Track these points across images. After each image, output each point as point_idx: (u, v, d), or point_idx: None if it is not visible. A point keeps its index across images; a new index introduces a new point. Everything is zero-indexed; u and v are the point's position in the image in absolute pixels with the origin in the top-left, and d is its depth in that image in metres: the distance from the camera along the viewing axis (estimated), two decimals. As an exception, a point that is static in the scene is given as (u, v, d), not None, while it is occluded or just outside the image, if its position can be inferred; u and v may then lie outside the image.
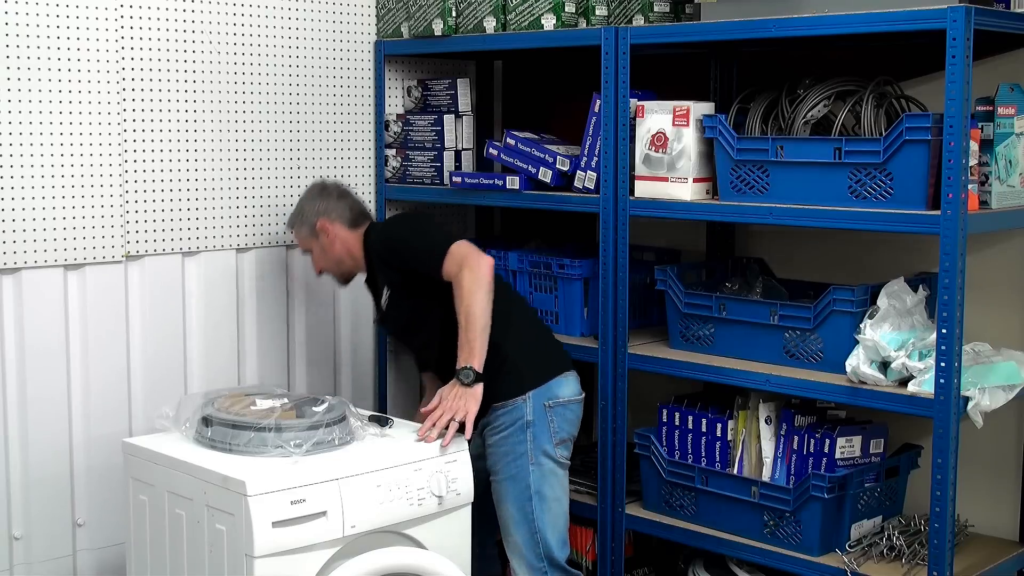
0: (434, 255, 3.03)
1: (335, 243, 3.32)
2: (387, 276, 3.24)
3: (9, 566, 3.14)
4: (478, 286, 2.96)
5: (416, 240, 3.16)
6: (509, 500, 3.09)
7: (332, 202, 3.34)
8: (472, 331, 2.95)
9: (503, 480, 3.10)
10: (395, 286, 3.23)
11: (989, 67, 3.02)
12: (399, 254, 3.17)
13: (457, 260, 3.00)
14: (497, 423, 3.10)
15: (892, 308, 2.86)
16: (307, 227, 3.35)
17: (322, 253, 3.35)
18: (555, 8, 3.36)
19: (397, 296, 3.24)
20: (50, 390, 3.18)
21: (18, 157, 3.09)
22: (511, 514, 3.09)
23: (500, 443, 3.10)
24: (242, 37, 3.54)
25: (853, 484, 2.96)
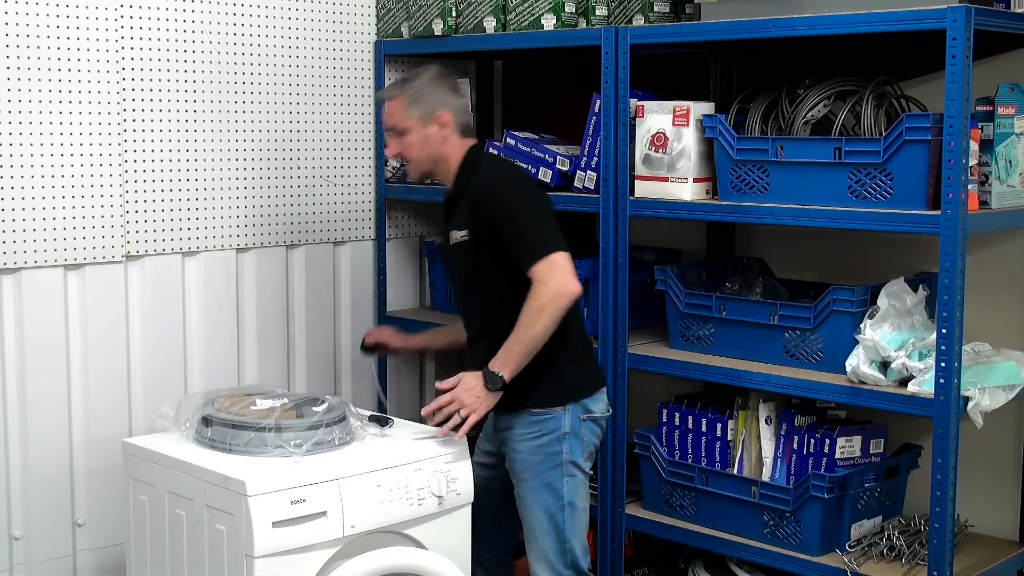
0: (535, 251, 2.82)
1: (445, 142, 3.01)
2: (472, 223, 2.95)
3: (9, 566, 3.14)
4: (554, 308, 2.81)
5: (527, 223, 2.87)
6: (540, 508, 2.98)
7: (455, 98, 3.05)
8: (521, 344, 2.84)
9: (536, 488, 2.98)
10: (475, 238, 2.95)
11: (989, 67, 3.02)
12: (501, 222, 2.88)
13: (551, 270, 2.81)
14: (532, 430, 2.97)
15: (892, 308, 2.86)
16: (422, 109, 3.00)
17: (424, 143, 3.01)
18: (555, 8, 3.36)
19: (471, 246, 2.97)
20: (50, 390, 3.18)
21: (18, 157, 3.09)
22: (541, 522, 2.98)
23: (535, 450, 2.97)
24: (242, 37, 3.54)
25: (853, 484, 2.96)
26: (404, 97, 3.02)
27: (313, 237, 3.75)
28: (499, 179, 2.97)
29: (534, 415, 2.96)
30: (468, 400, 2.90)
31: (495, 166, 3.08)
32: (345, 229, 3.84)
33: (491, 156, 3.20)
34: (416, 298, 4.06)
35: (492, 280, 2.96)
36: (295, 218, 3.70)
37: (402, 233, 4.00)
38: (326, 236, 3.79)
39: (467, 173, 3.01)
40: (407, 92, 3.03)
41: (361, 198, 3.87)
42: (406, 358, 3.87)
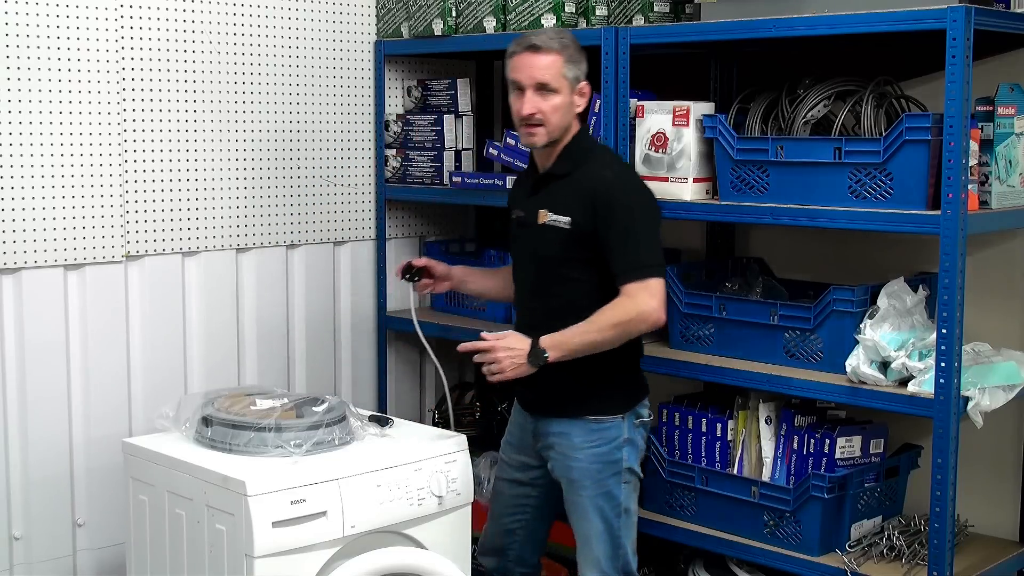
0: (638, 267, 2.73)
1: (575, 115, 2.87)
2: (580, 213, 2.80)
3: (9, 566, 3.14)
4: (630, 328, 2.75)
5: (640, 236, 2.76)
6: (597, 515, 2.89)
7: None
8: (582, 342, 2.75)
9: (594, 496, 2.88)
10: (577, 229, 2.80)
11: (989, 67, 3.02)
12: (614, 224, 2.75)
13: (645, 292, 2.72)
14: (592, 438, 2.87)
15: (892, 308, 2.86)
16: (575, 73, 2.83)
17: (566, 110, 2.83)
18: (555, 8, 3.36)
19: (568, 235, 2.81)
20: (50, 390, 3.18)
21: (18, 157, 3.09)
22: (598, 529, 2.90)
23: (595, 458, 2.88)
24: (242, 37, 3.54)
25: (853, 484, 2.96)
26: (563, 55, 2.81)
27: (313, 237, 3.75)
28: (627, 180, 2.86)
29: (594, 423, 2.87)
30: (504, 362, 2.78)
31: (618, 163, 2.95)
32: (345, 229, 3.84)
33: (605, 147, 3.05)
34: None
35: (577, 274, 2.84)
36: (295, 218, 3.70)
37: (402, 233, 4.00)
38: (326, 236, 3.79)
39: (577, 156, 2.86)
40: (566, 51, 2.81)
41: (361, 198, 3.87)
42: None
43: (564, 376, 2.84)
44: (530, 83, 2.81)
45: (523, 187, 3.02)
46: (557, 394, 2.89)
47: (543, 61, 2.79)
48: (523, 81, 2.81)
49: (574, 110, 2.85)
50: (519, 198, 3.01)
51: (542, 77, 2.79)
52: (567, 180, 2.85)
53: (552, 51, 2.79)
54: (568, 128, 2.86)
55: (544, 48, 2.79)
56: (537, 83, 2.80)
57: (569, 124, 2.86)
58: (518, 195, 3.03)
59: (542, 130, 2.82)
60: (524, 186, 3.01)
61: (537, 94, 2.80)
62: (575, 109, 2.85)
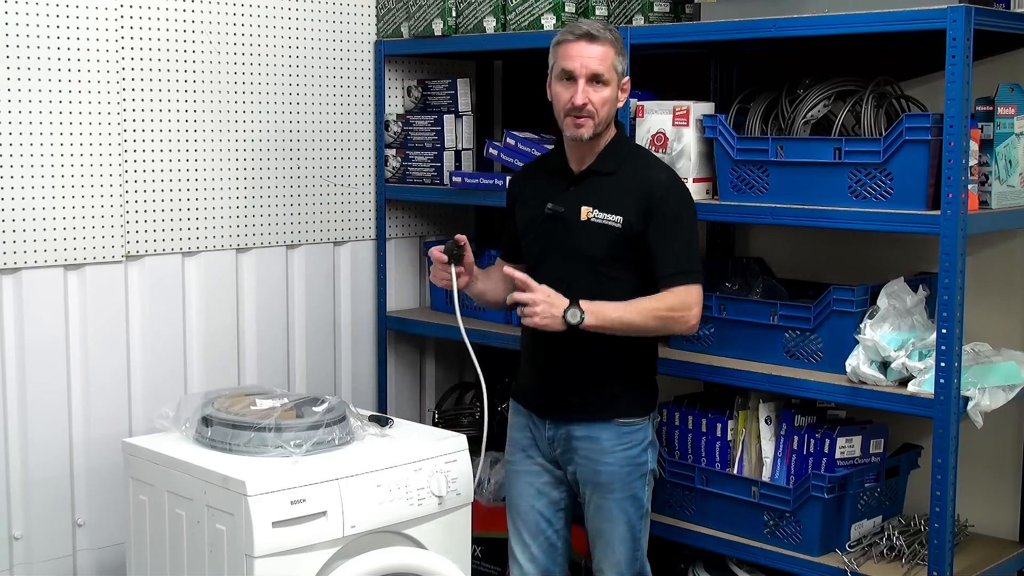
0: (684, 271, 2.74)
1: (619, 106, 2.84)
2: (631, 212, 2.76)
3: (9, 566, 3.14)
4: (670, 326, 2.76)
5: (688, 240, 2.78)
6: (622, 518, 2.87)
7: None
8: (621, 319, 2.71)
9: (621, 499, 2.86)
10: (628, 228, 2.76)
11: (989, 67, 3.02)
12: (665, 225, 2.75)
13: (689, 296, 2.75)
14: (622, 440, 2.85)
15: (892, 308, 2.86)
16: (623, 67, 2.81)
17: (613, 103, 2.79)
18: (555, 8, 3.36)
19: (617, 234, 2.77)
20: (50, 390, 3.18)
21: (18, 157, 3.09)
22: (622, 532, 2.88)
23: (625, 461, 2.85)
24: (242, 37, 3.54)
25: (853, 484, 2.96)
26: (615, 47, 2.76)
27: (313, 237, 3.75)
28: (680, 185, 2.85)
29: (624, 425, 2.85)
30: (540, 306, 2.68)
31: (664, 165, 2.94)
32: (345, 229, 3.84)
33: (646, 149, 3.06)
34: (416, 298, 4.06)
35: (617, 274, 2.80)
36: (295, 218, 3.70)
37: (402, 233, 4.00)
38: (326, 236, 3.79)
39: (623, 154, 2.84)
40: (617, 43, 2.78)
41: (361, 198, 3.87)
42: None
43: (592, 378, 2.83)
44: (584, 73, 2.74)
45: (544, 180, 2.93)
46: (585, 396, 2.85)
47: (598, 51, 2.74)
48: (576, 70, 2.74)
49: (615, 104, 2.81)
50: (541, 191, 2.90)
51: (596, 68, 2.74)
52: (614, 178, 2.81)
53: (606, 42, 2.74)
54: (611, 124, 2.83)
55: (600, 38, 2.74)
56: (591, 73, 2.74)
57: (612, 120, 2.83)
58: (537, 188, 2.93)
59: (590, 122, 2.75)
60: (546, 179, 2.92)
61: (589, 85, 2.74)
62: (616, 103, 2.81)
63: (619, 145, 2.86)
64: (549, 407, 2.91)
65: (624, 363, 2.85)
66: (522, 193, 2.99)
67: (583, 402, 2.85)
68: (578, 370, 2.84)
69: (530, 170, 3.07)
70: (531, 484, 2.97)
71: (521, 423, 2.99)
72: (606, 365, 2.83)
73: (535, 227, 2.91)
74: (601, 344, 2.78)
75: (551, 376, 2.89)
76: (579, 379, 2.84)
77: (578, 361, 2.83)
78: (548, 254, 2.87)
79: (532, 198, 2.93)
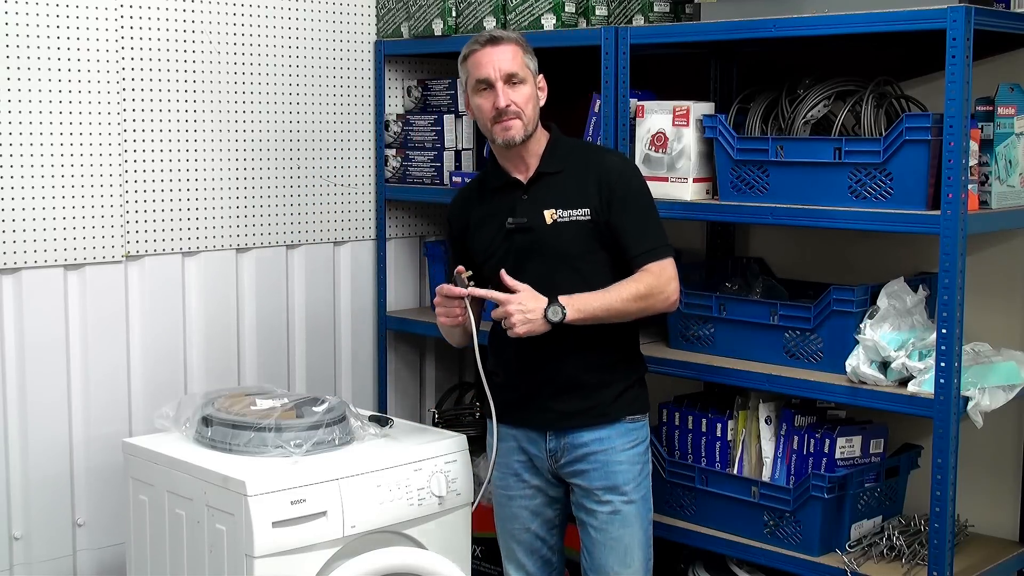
0: (656, 249, 2.74)
1: (539, 104, 2.82)
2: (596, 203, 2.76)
3: (9, 566, 3.14)
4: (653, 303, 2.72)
5: (654, 218, 2.79)
6: (638, 522, 2.81)
7: None
8: (604, 308, 2.68)
9: (638, 501, 2.81)
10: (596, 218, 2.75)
11: (989, 67, 3.02)
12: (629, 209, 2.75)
13: (666, 271, 2.74)
14: (631, 438, 2.81)
15: (892, 308, 2.86)
16: (534, 64, 2.81)
17: (533, 101, 2.78)
18: (555, 8, 3.36)
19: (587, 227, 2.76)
20: (50, 390, 3.18)
21: (18, 157, 3.09)
22: (639, 538, 2.82)
23: (635, 459, 2.81)
24: (242, 37, 3.54)
25: (853, 484, 2.96)
26: (521, 44, 2.78)
27: (313, 237, 3.75)
28: (629, 163, 2.92)
29: (632, 423, 2.82)
30: (515, 316, 2.64)
31: (608, 148, 2.97)
32: (345, 229, 3.84)
33: (583, 140, 3.08)
34: (416, 298, 4.06)
35: (592, 266, 2.77)
36: (295, 218, 3.70)
37: (402, 233, 4.00)
38: (326, 236, 3.79)
39: (565, 151, 2.83)
40: (521, 41, 2.79)
41: (361, 198, 3.87)
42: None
43: (593, 380, 2.79)
44: (499, 75, 2.73)
45: (491, 200, 2.86)
46: (590, 400, 2.79)
47: (505, 52, 2.74)
48: (491, 75, 2.74)
49: (536, 102, 2.79)
50: (493, 210, 2.84)
51: (510, 67, 2.74)
52: (565, 174, 2.80)
53: (511, 41, 2.76)
54: (538, 126, 2.80)
55: (504, 39, 2.76)
56: (506, 74, 2.73)
57: (538, 118, 2.80)
58: (487, 209, 2.86)
59: (519, 123, 2.74)
60: (494, 198, 2.86)
61: (508, 86, 2.73)
62: (537, 101, 2.79)
63: (558, 143, 2.85)
64: (548, 419, 2.82)
65: (619, 360, 2.83)
66: (470, 220, 2.90)
67: (589, 406, 2.79)
68: (577, 374, 2.78)
69: (468, 197, 2.96)
70: (525, 508, 2.91)
71: (510, 446, 2.89)
72: (603, 365, 2.80)
73: (499, 246, 2.82)
74: (594, 345, 2.77)
75: (547, 386, 2.80)
76: (578, 383, 2.79)
77: (575, 365, 2.78)
78: (524, 266, 2.78)
79: (486, 219, 2.85)
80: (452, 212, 2.99)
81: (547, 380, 2.81)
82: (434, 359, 4.11)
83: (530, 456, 2.87)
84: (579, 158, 2.82)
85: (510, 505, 2.92)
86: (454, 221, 2.97)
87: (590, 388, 2.80)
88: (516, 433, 2.88)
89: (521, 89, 2.75)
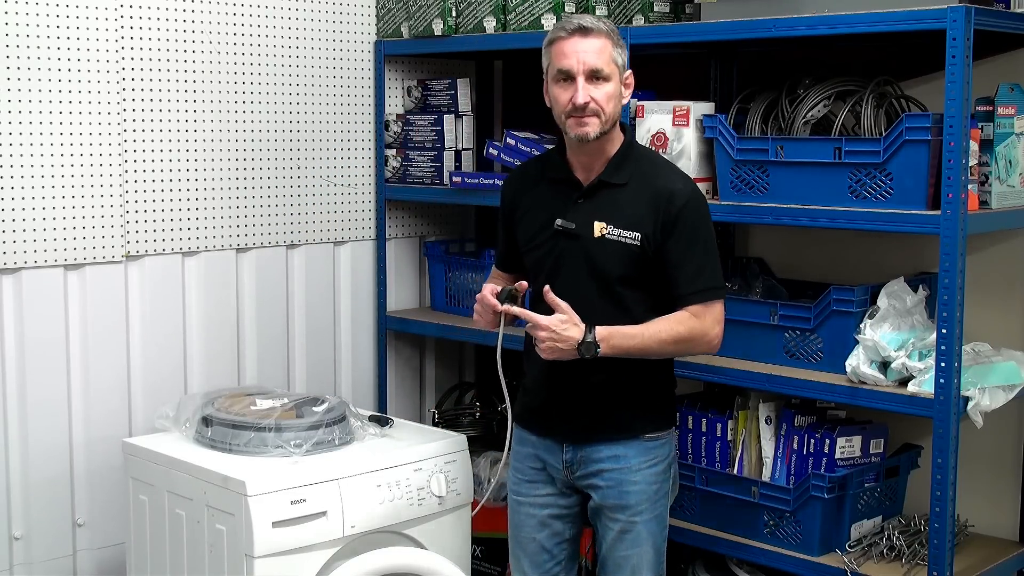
0: (708, 289, 2.58)
1: (624, 101, 2.65)
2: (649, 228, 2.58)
3: (9, 566, 3.14)
4: (692, 348, 2.61)
5: (711, 256, 2.60)
6: (650, 542, 2.68)
7: None
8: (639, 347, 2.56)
9: (650, 520, 2.68)
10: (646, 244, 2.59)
11: (989, 67, 3.02)
12: (685, 241, 2.57)
13: (712, 315, 2.59)
14: (649, 456, 2.68)
15: (892, 308, 2.86)
16: (623, 59, 2.62)
17: (617, 99, 2.61)
18: (555, 8, 3.36)
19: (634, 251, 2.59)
20: (50, 390, 3.18)
21: (18, 157, 3.09)
22: (648, 557, 2.68)
23: (653, 479, 2.68)
24: (242, 37, 3.54)
25: (853, 484, 2.96)
26: (612, 38, 2.57)
27: (313, 237, 3.75)
28: (698, 196, 2.63)
29: (650, 441, 2.68)
30: (545, 343, 2.53)
31: (680, 172, 2.71)
32: (345, 229, 3.84)
33: (660, 154, 2.89)
34: (416, 298, 4.06)
35: (633, 292, 2.63)
36: (295, 218, 3.70)
37: (402, 233, 4.00)
38: (326, 236, 3.79)
39: (635, 163, 2.65)
40: (613, 34, 2.58)
41: (361, 198, 3.87)
42: None
43: (616, 395, 2.67)
44: (582, 69, 2.55)
45: (547, 191, 2.73)
46: (610, 414, 2.68)
47: (595, 45, 2.55)
48: (573, 68, 2.55)
49: (620, 101, 2.61)
50: (545, 203, 2.71)
51: (595, 63, 2.55)
52: (627, 190, 2.62)
53: (602, 34, 2.56)
54: (615, 125, 2.64)
55: (594, 30, 2.55)
56: (590, 69, 2.55)
57: (618, 118, 2.64)
58: (540, 199, 2.73)
59: (596, 120, 2.56)
60: (550, 190, 2.72)
61: (589, 82, 2.55)
62: (623, 100, 2.63)
63: (629, 152, 2.66)
64: (568, 430, 2.71)
65: (646, 375, 2.68)
66: (522, 202, 2.78)
67: (608, 421, 2.68)
68: (600, 388, 2.66)
69: (527, 175, 2.82)
70: (533, 516, 2.79)
71: (527, 452, 2.79)
72: (628, 380, 2.66)
73: (543, 243, 2.70)
74: (626, 361, 2.62)
75: (571, 397, 2.69)
76: (602, 397, 2.67)
77: (599, 379, 2.64)
78: (561, 272, 2.67)
79: (535, 209, 2.73)
80: (505, 188, 2.85)
81: (572, 391, 2.68)
82: (434, 359, 4.11)
83: (545, 464, 2.76)
84: (644, 174, 2.63)
85: (519, 511, 2.82)
86: (506, 198, 2.84)
87: (613, 403, 2.68)
88: (534, 440, 2.78)
89: (604, 86, 2.56)
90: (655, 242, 2.59)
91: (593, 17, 2.62)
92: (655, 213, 2.58)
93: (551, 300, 2.56)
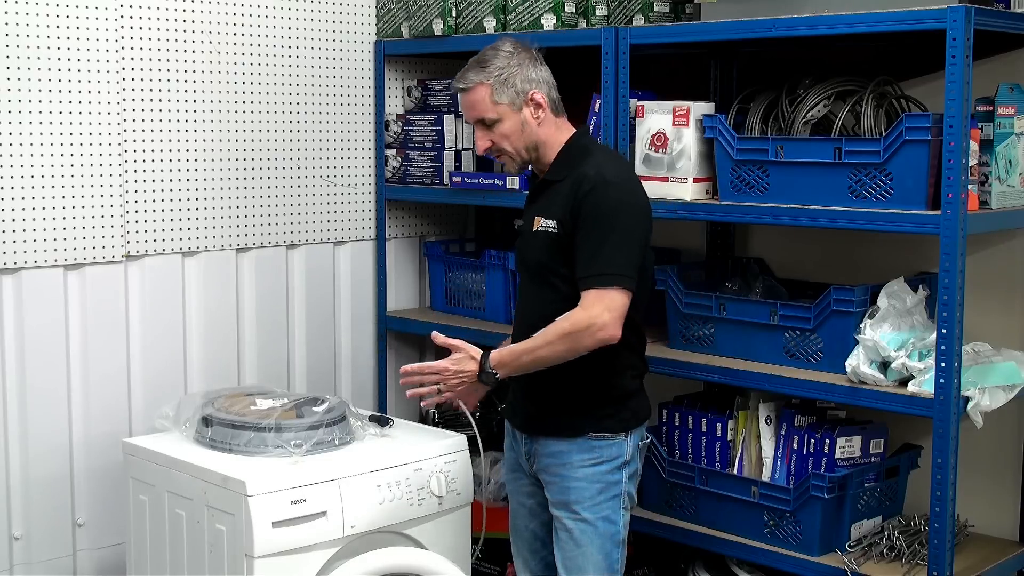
0: (600, 275, 2.55)
1: (541, 125, 2.71)
2: (564, 214, 2.64)
3: (9, 566, 3.14)
4: (579, 342, 2.55)
5: (612, 243, 2.57)
6: (595, 546, 2.67)
7: (541, 72, 2.74)
8: (531, 358, 2.60)
9: (593, 520, 2.68)
10: (562, 231, 2.64)
11: (989, 67, 3.02)
12: (586, 224, 2.58)
13: (601, 302, 2.54)
14: (592, 455, 2.68)
15: (892, 308, 2.86)
16: (512, 91, 2.69)
17: (520, 131, 2.71)
18: (555, 8, 3.36)
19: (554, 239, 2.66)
20: (50, 390, 3.18)
21: (18, 157, 3.09)
22: (596, 561, 2.67)
23: (594, 478, 2.68)
24: (242, 37, 3.54)
25: (853, 484, 2.96)
26: (488, 82, 2.69)
27: (313, 237, 3.75)
28: (613, 180, 2.63)
29: (597, 439, 2.69)
30: (453, 380, 2.67)
31: (611, 162, 2.72)
32: (345, 229, 3.84)
33: (605, 147, 2.94)
34: (416, 298, 4.06)
35: (562, 281, 2.66)
36: (295, 218, 3.70)
37: (402, 233, 4.00)
38: (326, 236, 3.79)
39: (573, 159, 2.71)
40: (491, 76, 2.69)
41: (361, 198, 3.87)
42: None
43: (563, 392, 2.70)
44: (472, 121, 2.77)
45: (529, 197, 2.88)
46: (555, 411, 2.72)
47: (471, 99, 2.72)
48: (468, 120, 2.81)
49: (532, 124, 2.71)
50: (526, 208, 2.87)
51: (475, 114, 2.73)
52: (562, 184, 2.70)
53: (474, 86, 2.70)
54: (544, 138, 2.73)
55: (467, 86, 2.72)
56: (476, 120, 2.74)
57: (540, 137, 2.72)
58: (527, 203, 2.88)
59: (507, 158, 2.76)
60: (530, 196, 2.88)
61: (483, 130, 2.74)
62: (533, 122, 2.71)
63: (572, 150, 2.74)
64: (521, 422, 2.82)
65: (592, 376, 2.67)
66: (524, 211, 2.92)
67: (555, 417, 2.73)
68: (546, 384, 2.70)
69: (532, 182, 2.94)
70: (523, 505, 2.88)
71: (509, 443, 2.90)
72: (573, 379, 2.67)
73: (517, 245, 2.87)
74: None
75: (524, 390, 2.78)
76: (547, 393, 2.72)
77: (552, 372, 2.65)
78: (519, 270, 2.84)
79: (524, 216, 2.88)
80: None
81: (528, 382, 2.74)
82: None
83: (518, 453, 2.86)
84: (576, 166, 2.69)
85: (513, 500, 2.94)
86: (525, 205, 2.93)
87: (557, 400, 2.72)
88: (511, 431, 2.89)
89: (498, 128, 2.71)
90: (568, 228, 2.64)
91: (473, 66, 2.73)
92: (571, 199, 2.64)
93: (440, 342, 2.74)
